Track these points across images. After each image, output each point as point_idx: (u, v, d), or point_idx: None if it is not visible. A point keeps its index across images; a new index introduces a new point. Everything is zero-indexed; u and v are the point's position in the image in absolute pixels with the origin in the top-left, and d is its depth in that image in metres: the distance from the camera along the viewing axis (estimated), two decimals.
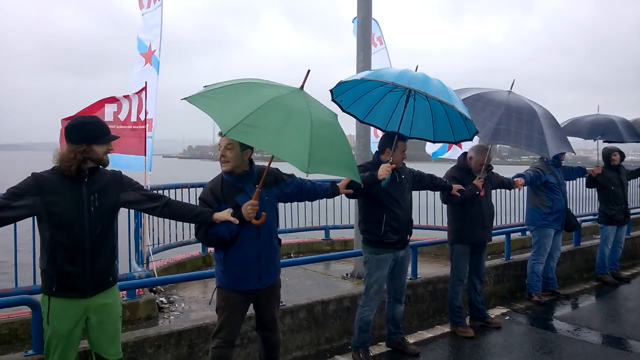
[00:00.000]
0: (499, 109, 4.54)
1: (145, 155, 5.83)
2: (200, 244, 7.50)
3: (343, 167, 2.94)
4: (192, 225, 6.95)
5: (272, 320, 3.31)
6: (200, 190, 6.68)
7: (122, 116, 5.75)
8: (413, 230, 4.27)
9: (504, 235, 6.58)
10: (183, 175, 23.08)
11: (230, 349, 3.13)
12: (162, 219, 6.63)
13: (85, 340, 2.84)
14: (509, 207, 8.87)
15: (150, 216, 6.22)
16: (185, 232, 7.18)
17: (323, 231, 8.60)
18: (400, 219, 3.97)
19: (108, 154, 2.78)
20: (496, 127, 4.40)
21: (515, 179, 5.48)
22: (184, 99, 2.74)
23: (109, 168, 2.89)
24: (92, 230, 2.64)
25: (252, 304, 3.25)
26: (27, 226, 3.60)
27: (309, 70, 3.06)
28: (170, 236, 7.03)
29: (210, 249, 7.60)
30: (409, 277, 4.99)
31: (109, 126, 2.88)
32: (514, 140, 4.44)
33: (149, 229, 6.40)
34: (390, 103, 4.21)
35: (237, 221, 2.90)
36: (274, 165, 3.12)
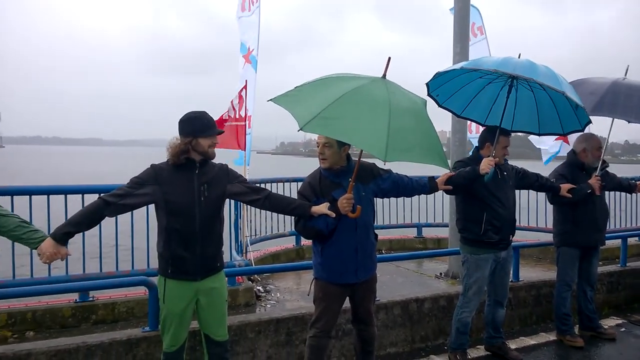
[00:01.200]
0: (603, 86, 4.14)
1: (245, 150, 6.11)
2: (294, 237, 7.74)
3: (428, 154, 2.87)
4: (289, 218, 7.30)
5: (368, 314, 3.32)
6: (294, 185, 6.93)
7: (231, 114, 6.12)
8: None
9: (619, 240, 6.02)
10: (276, 171, 23.85)
11: (326, 338, 3.19)
12: (259, 211, 6.98)
13: (195, 321, 3.04)
14: (626, 209, 8.13)
15: (249, 208, 6.51)
16: (280, 225, 7.43)
17: (415, 229, 8.46)
18: (502, 218, 3.78)
19: (214, 148, 2.93)
20: (600, 100, 4.01)
21: (638, 182, 4.87)
22: (270, 100, 2.86)
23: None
24: (202, 218, 2.81)
25: (348, 297, 3.29)
26: (141, 213, 3.93)
27: (389, 58, 3.01)
28: (266, 228, 7.30)
29: (305, 242, 7.84)
30: (510, 280, 4.77)
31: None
32: (622, 112, 3.99)
33: (247, 221, 6.69)
34: (490, 95, 4.00)
35: (333, 215, 2.95)
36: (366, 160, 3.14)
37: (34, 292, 4.32)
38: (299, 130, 2.61)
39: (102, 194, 2.79)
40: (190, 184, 2.82)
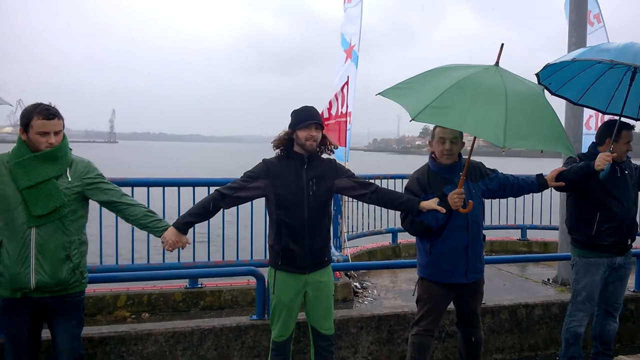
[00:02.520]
0: None
1: (345, 146, 6.13)
2: (390, 235, 7.67)
3: (549, 140, 2.68)
4: (386, 215, 7.25)
5: (474, 317, 3.19)
6: (391, 182, 6.84)
7: (333, 112, 6.18)
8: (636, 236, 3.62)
9: None
10: (370, 167, 23.82)
11: (429, 338, 3.11)
12: (357, 208, 6.99)
13: (302, 313, 3.10)
14: None
15: (348, 204, 6.54)
16: (377, 222, 7.39)
17: (519, 230, 8.00)
18: (619, 219, 3.40)
19: (312, 142, 2.91)
20: None
21: None
22: (379, 94, 2.81)
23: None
24: (310, 212, 2.86)
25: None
26: (246, 205, 4.08)
27: (502, 44, 2.83)
28: (362, 225, 7.29)
29: (401, 239, 7.73)
30: (630, 290, 4.33)
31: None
32: None
33: (345, 217, 6.73)
34: (612, 81, 3.57)
35: (443, 210, 2.86)
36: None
37: (149, 277, 4.68)
38: (410, 121, 2.56)
39: (218, 187, 2.93)
40: (299, 178, 2.87)
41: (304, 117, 2.93)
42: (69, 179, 2.65)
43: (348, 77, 6.29)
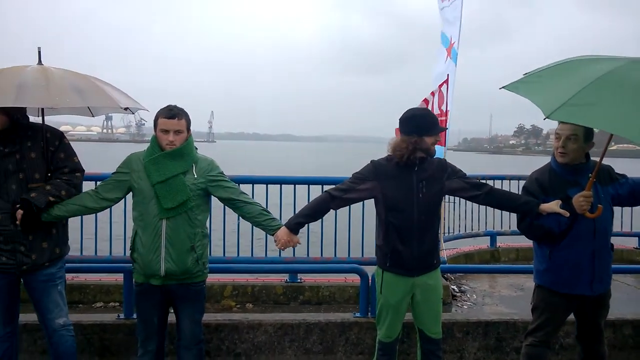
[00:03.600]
0: None
1: (444, 146, 5.99)
2: (488, 237, 7.38)
3: None
4: (485, 217, 6.99)
5: (598, 332, 2.97)
6: (496, 183, 6.57)
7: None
8: None
9: None
10: (462, 168, 22.91)
11: (545, 349, 2.95)
12: (454, 208, 6.80)
13: (409, 314, 3.08)
14: None
15: (445, 205, 6.38)
16: (474, 224, 7.14)
17: (636, 238, 7.35)
18: None
19: (434, 145, 2.91)
20: None
21: None
22: (503, 87, 2.67)
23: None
24: (419, 215, 2.81)
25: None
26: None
27: None
28: (459, 226, 7.08)
29: (501, 243, 7.42)
30: None
31: None
32: None
33: (442, 218, 6.57)
34: None
35: (567, 214, 2.68)
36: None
37: (254, 270, 4.90)
38: (545, 119, 2.39)
39: (328, 189, 2.98)
40: (409, 180, 2.83)
41: (434, 123, 2.88)
42: (195, 176, 2.85)
43: (448, 75, 6.13)
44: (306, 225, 3.02)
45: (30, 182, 2.80)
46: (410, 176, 2.84)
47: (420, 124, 2.84)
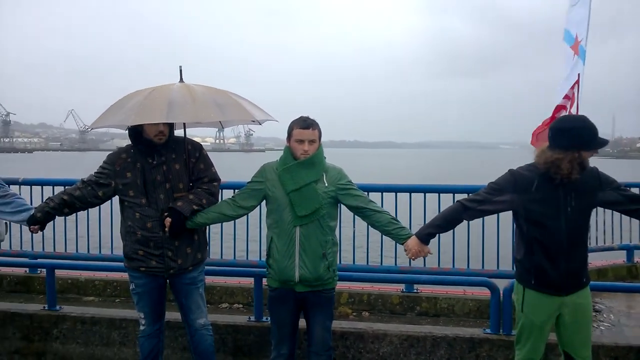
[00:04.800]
0: None
1: None
2: (624, 252, 6.68)
3: None
4: (620, 228, 6.34)
5: None
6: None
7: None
8: None
9: None
10: None
11: None
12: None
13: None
14: None
15: None
16: (606, 236, 6.50)
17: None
18: None
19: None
20: None
21: None
22: None
23: None
24: (568, 230, 2.58)
25: None
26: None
27: None
28: (590, 239, 6.47)
29: (639, 259, 6.68)
30: None
31: None
32: None
33: None
34: None
35: None
36: None
37: (369, 279, 4.86)
38: None
39: (461, 199, 2.87)
40: (555, 192, 2.59)
41: (595, 135, 2.60)
42: (326, 184, 2.92)
43: (579, 75, 5.66)
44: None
45: (176, 192, 3.03)
46: (556, 188, 2.60)
47: (583, 137, 2.56)
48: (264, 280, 3.46)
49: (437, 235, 2.96)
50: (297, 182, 2.87)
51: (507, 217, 3.36)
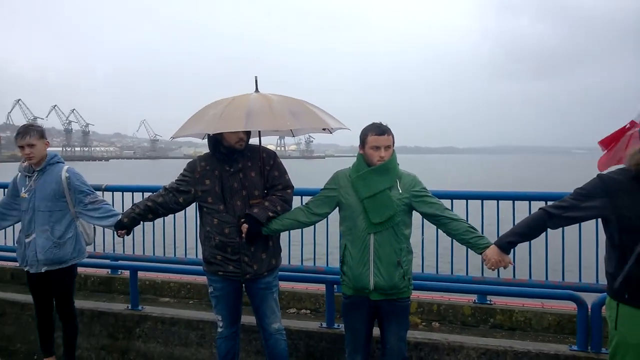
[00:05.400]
0: None
1: None
2: None
3: None
4: None
5: None
6: None
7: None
8: None
9: None
10: None
11: None
12: None
13: None
14: None
15: None
16: None
17: None
18: None
19: None
20: None
21: None
22: None
23: None
24: None
25: None
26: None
27: None
28: None
29: None
30: None
31: None
32: None
33: None
34: None
35: None
36: None
37: (445, 288, 4.72)
38: None
39: (544, 206, 2.73)
40: None
41: None
42: (400, 191, 2.88)
43: None
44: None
45: (252, 199, 3.11)
46: None
47: None
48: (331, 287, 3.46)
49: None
50: (371, 189, 2.86)
51: (589, 225, 3.15)
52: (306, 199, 3.62)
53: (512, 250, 2.79)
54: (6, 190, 3.96)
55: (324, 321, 4.04)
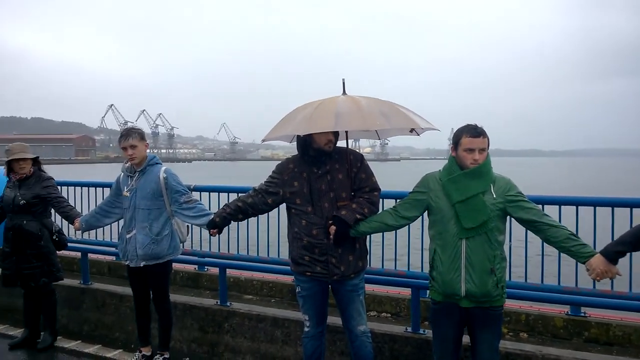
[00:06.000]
0: None
1: None
2: None
3: None
4: None
5: None
6: None
7: None
8: None
9: None
10: None
11: None
12: None
13: None
14: None
15: None
16: None
17: None
18: None
19: None
20: None
21: None
22: None
23: None
24: None
25: None
26: None
27: None
28: None
29: None
30: None
31: None
32: None
33: None
34: None
35: None
36: None
37: (527, 297, 4.48)
38: None
39: None
40: None
41: None
42: (494, 195, 2.78)
43: None
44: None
45: (339, 201, 3.14)
46: None
47: None
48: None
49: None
50: (463, 193, 2.79)
51: None
52: (388, 202, 3.59)
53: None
54: (108, 188, 4.28)
55: (406, 325, 3.99)
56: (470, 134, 2.80)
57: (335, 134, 3.17)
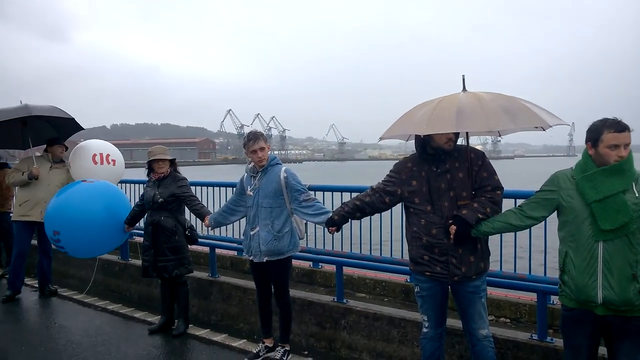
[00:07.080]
0: None
1: None
2: None
3: None
4: None
5: None
6: None
7: None
8: None
9: None
10: None
11: None
12: None
13: None
14: None
15: None
16: None
17: None
18: None
19: None
20: None
21: None
22: None
23: None
24: None
25: None
26: None
27: None
28: None
29: None
30: None
31: None
32: None
33: None
34: None
35: None
36: None
37: None
38: None
39: None
40: None
41: None
42: (636, 195, 2.53)
43: None
44: None
45: (459, 200, 3.05)
46: None
47: None
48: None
49: None
50: (600, 191, 2.57)
51: None
52: (507, 202, 3.37)
53: None
54: (232, 188, 4.55)
55: (530, 332, 3.76)
56: (614, 128, 2.57)
57: (456, 132, 3.09)
